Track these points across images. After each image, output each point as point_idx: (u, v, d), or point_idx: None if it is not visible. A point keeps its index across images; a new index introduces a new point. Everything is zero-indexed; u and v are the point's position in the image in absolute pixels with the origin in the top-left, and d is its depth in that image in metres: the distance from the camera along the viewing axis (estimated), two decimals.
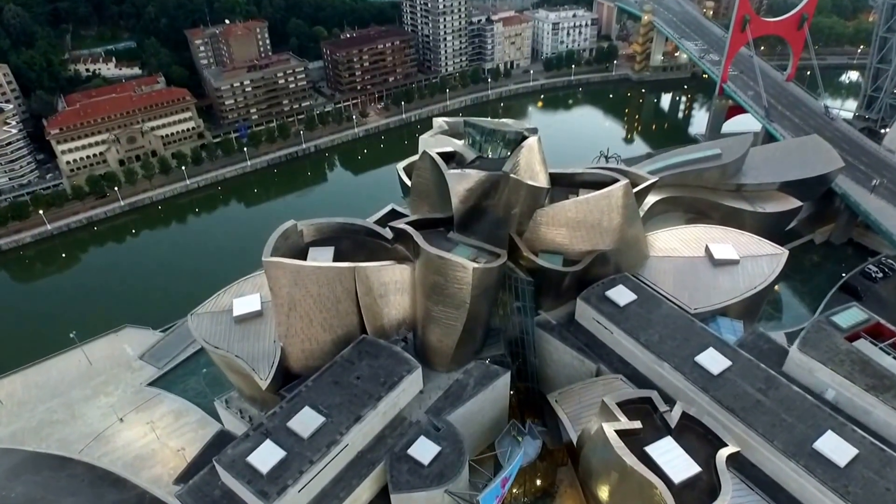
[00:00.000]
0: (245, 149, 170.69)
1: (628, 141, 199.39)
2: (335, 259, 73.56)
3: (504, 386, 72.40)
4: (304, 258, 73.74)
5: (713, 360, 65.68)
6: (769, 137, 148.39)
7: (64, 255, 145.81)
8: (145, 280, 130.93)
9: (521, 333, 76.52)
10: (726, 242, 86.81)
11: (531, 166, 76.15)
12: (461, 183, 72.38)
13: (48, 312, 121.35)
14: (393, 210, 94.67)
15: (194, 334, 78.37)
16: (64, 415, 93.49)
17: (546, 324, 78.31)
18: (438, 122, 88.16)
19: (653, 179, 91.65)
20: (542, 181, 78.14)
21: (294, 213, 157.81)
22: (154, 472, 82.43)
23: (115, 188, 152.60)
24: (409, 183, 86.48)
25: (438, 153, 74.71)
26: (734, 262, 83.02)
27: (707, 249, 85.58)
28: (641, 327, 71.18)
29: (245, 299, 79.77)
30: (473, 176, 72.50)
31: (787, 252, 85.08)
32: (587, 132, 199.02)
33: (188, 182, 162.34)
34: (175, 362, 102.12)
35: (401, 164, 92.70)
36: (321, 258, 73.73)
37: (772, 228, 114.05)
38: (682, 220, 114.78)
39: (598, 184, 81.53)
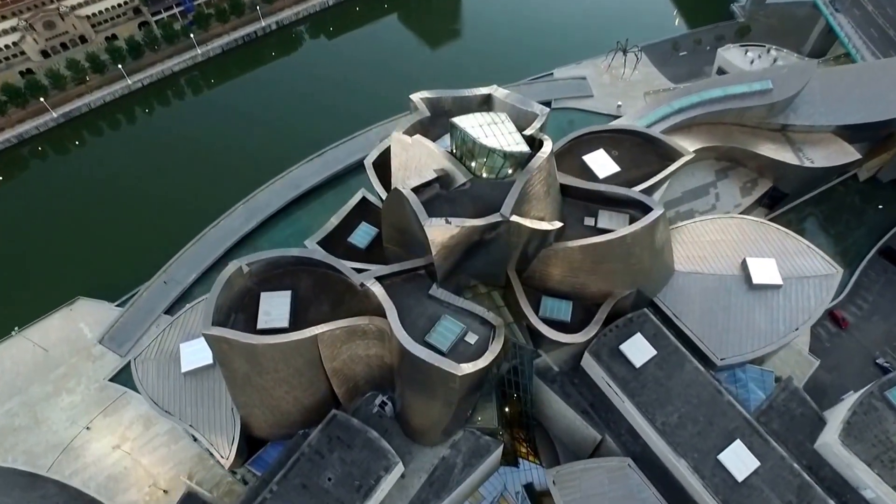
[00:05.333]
0: (192, 34, 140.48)
1: None
2: (294, 305, 60.51)
3: (496, 458, 64.54)
4: (257, 304, 60.70)
5: (739, 460, 56.87)
6: (829, 30, 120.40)
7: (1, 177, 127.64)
8: (94, 223, 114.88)
9: (518, 391, 66.35)
10: (768, 255, 72.02)
11: (538, 197, 58.87)
12: (443, 235, 55.78)
13: None
14: (364, 200, 77.43)
15: (139, 389, 68.62)
16: (26, 419, 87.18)
17: (546, 372, 67.73)
18: (416, 101, 65.93)
19: (689, 157, 74.22)
20: (552, 212, 61.35)
21: (265, 115, 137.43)
22: (129, 498, 78.39)
23: (41, 98, 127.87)
24: (383, 195, 68.46)
25: (415, 188, 56.47)
26: (775, 287, 69.45)
27: (744, 265, 71.21)
28: (659, 402, 60.84)
29: (194, 347, 67.88)
30: (460, 229, 55.54)
31: (840, 271, 70.96)
32: None
33: (129, 81, 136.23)
34: (139, 348, 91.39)
35: (369, 158, 72.38)
36: (276, 311, 60.62)
37: (816, 182, 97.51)
38: (714, 168, 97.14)
39: (621, 201, 64.64)
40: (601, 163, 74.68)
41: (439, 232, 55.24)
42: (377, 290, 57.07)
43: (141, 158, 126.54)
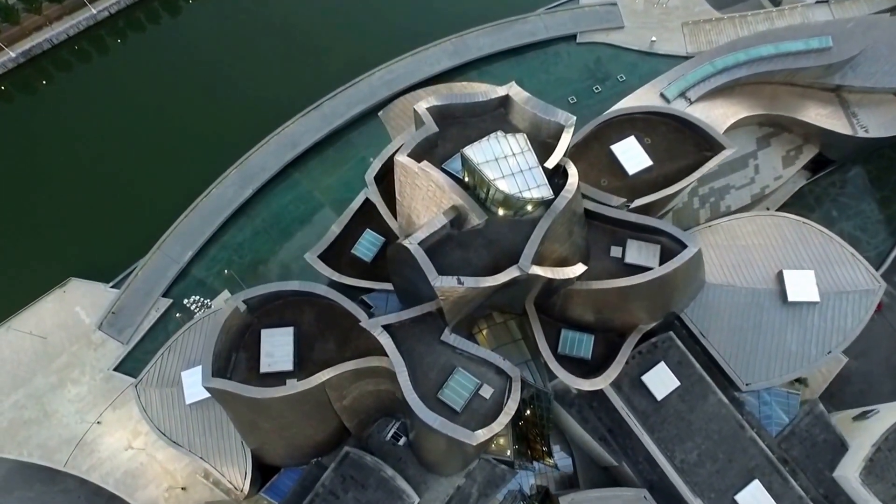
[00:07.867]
0: None
1: None
2: (297, 343, 57.23)
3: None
4: (258, 342, 57.41)
5: (756, 502, 56.10)
6: None
7: None
8: (73, 188, 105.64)
9: (534, 416, 64.37)
10: (807, 264, 66.35)
11: (561, 239, 52.73)
12: (454, 293, 50.26)
13: None
14: (367, 203, 70.02)
15: (144, 419, 66.79)
16: (35, 412, 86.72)
17: (564, 395, 65.14)
18: (422, 113, 55.77)
19: (730, 151, 66.53)
20: (576, 251, 55.28)
21: (254, 51, 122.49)
22: (149, 494, 79.84)
23: None
24: (387, 216, 61.50)
25: (421, 243, 49.83)
26: (812, 304, 64.63)
27: (779, 277, 65.77)
28: (679, 438, 58.96)
29: (195, 377, 64.30)
30: (472, 289, 49.81)
31: (883, 286, 65.58)
32: None
33: (94, 11, 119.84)
34: (140, 334, 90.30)
35: (370, 173, 63.17)
36: (279, 351, 57.84)
37: (867, 150, 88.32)
38: (755, 135, 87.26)
39: (650, 230, 58.05)
40: (632, 154, 66.80)
41: (449, 292, 49.77)
42: (385, 341, 52.82)
43: (117, 106, 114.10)
